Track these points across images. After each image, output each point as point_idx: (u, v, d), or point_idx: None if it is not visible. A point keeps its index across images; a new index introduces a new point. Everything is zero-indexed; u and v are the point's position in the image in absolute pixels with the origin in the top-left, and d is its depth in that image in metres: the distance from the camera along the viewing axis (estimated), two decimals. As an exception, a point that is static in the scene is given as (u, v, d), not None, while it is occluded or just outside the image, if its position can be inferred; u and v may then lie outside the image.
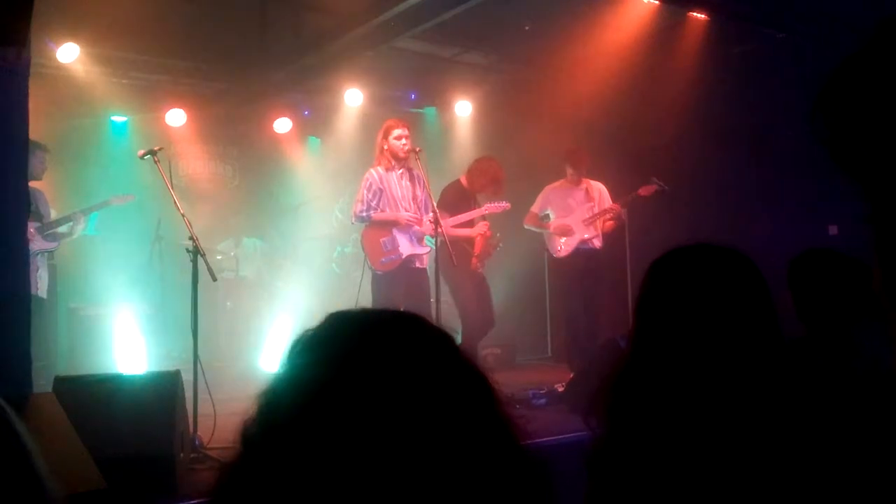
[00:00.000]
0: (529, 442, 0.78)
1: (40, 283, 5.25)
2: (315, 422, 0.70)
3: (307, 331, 0.80)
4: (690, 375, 1.26)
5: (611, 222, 6.07)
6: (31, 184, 5.37)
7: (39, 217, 5.35)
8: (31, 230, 5.25)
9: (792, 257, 2.11)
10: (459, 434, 0.71)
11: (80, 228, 5.54)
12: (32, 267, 5.02)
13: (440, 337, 0.79)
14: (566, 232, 6.02)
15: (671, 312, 1.32)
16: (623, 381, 1.33)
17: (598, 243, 6.05)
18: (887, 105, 0.66)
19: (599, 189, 6.14)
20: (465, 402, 0.74)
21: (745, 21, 6.09)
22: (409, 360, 0.74)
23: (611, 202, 6.08)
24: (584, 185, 6.11)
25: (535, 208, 6.23)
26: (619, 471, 1.26)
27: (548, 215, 6.20)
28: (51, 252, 5.51)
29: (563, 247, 6.05)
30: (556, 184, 6.21)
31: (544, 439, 3.61)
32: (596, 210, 6.04)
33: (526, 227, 6.28)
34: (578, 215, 6.06)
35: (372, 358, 0.74)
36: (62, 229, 5.49)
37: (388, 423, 0.69)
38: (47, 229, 5.38)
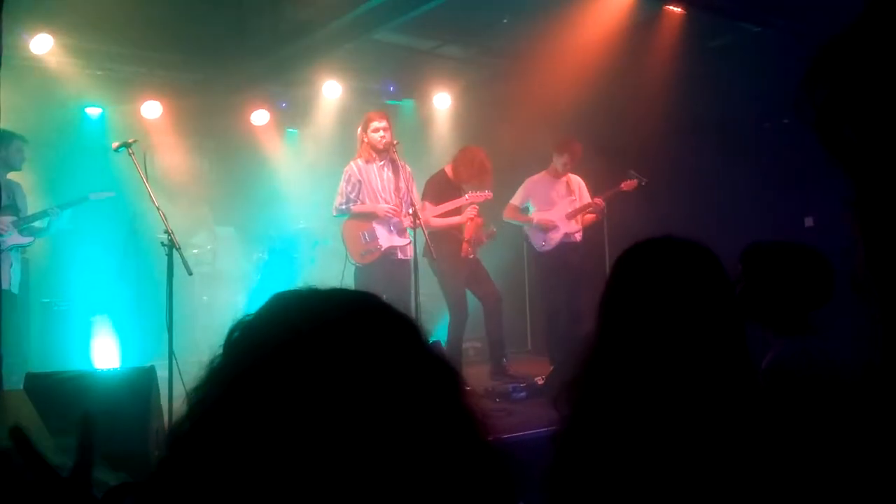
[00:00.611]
0: (505, 435, 0.71)
1: (12, 278, 5.16)
2: (247, 413, 0.62)
3: (247, 315, 0.73)
4: (651, 365, 1.28)
5: (591, 216, 6.06)
6: (9, 176, 5.28)
7: (16, 210, 5.25)
8: (8, 224, 5.13)
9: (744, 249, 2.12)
10: (413, 427, 0.64)
11: (56, 224, 5.45)
12: (6, 262, 4.93)
13: (398, 320, 0.71)
14: (550, 226, 5.99)
15: (633, 303, 1.34)
16: (588, 371, 1.35)
17: (579, 237, 6.06)
18: (874, 85, 0.66)
19: (579, 183, 6.15)
20: (421, 392, 0.66)
21: (721, 15, 6.13)
22: (358, 344, 0.66)
23: (588, 196, 6.09)
24: (564, 179, 6.09)
25: (515, 200, 6.17)
26: (579, 453, 1.28)
27: (527, 208, 6.19)
28: (24, 247, 5.41)
29: (547, 241, 6.02)
30: (537, 176, 6.17)
31: (524, 432, 3.62)
32: (578, 204, 6.04)
33: (505, 219, 6.23)
34: (561, 209, 6.03)
35: (314, 342, 0.65)
36: (38, 224, 5.39)
37: (331, 414, 0.61)
38: (23, 223, 5.28)
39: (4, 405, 2.59)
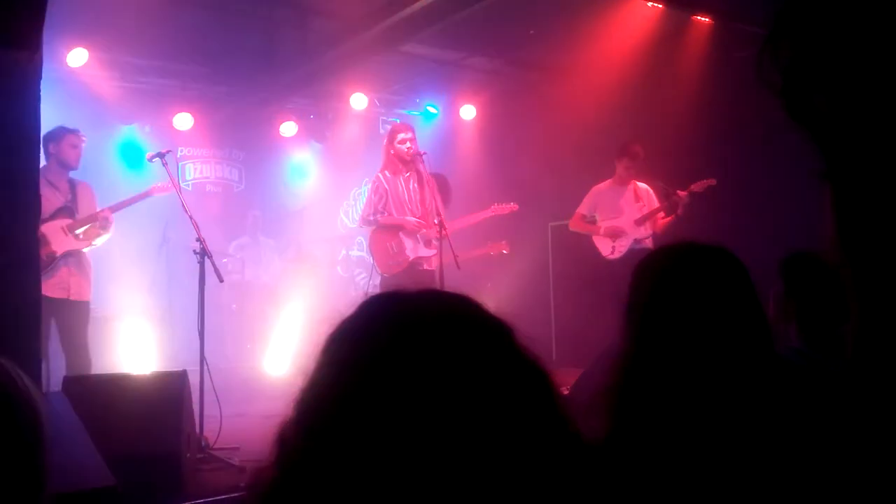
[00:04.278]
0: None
1: (72, 284, 4.72)
2: (359, 424, 0.64)
3: (343, 321, 0.72)
4: (679, 376, 1.27)
5: (666, 219, 5.82)
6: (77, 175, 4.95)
7: (73, 213, 4.85)
8: (60, 228, 4.75)
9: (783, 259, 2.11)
10: (517, 430, 0.66)
11: (111, 226, 4.97)
12: (61, 270, 4.65)
13: (494, 324, 0.72)
14: (617, 233, 5.84)
15: (656, 312, 1.33)
16: (618, 385, 1.34)
17: (650, 243, 5.81)
18: (845, 44, 0.58)
19: (647, 190, 5.97)
20: (522, 397, 0.68)
21: (749, 24, 6.11)
22: (462, 349, 0.67)
23: (657, 202, 5.87)
24: (631, 186, 5.93)
25: (582, 209, 6.01)
26: (630, 462, 1.27)
27: (594, 217, 6.02)
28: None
29: (615, 248, 5.86)
30: (604, 184, 6.01)
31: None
32: (646, 210, 5.85)
33: (572, 230, 6.09)
34: (629, 216, 5.85)
35: (421, 347, 0.66)
36: (96, 228, 4.92)
37: (442, 421, 0.63)
38: (77, 227, 4.86)
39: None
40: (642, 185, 5.97)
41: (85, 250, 4.93)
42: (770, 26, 0.62)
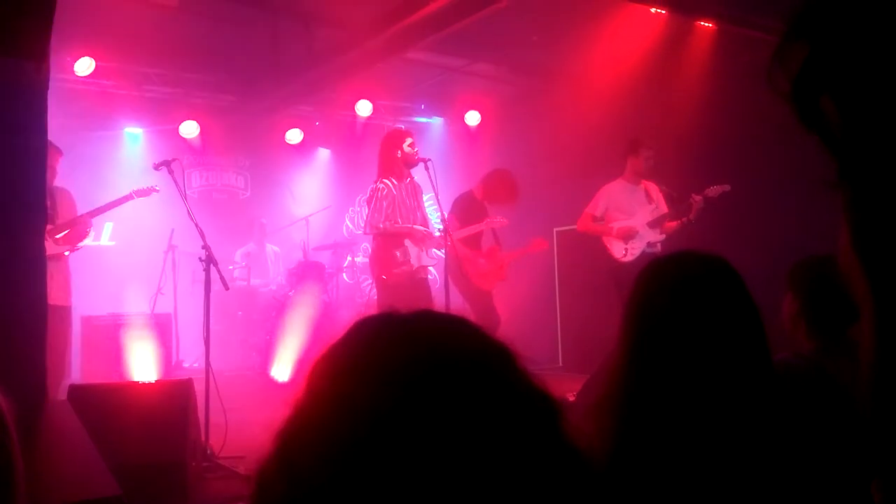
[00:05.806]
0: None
1: (52, 287, 4.83)
2: (351, 477, 0.58)
3: (332, 349, 0.66)
4: (674, 386, 1.27)
5: (673, 223, 5.65)
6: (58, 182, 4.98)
7: (52, 219, 4.82)
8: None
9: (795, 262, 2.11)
10: (520, 468, 0.61)
11: (90, 230, 5.07)
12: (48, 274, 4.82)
13: (495, 352, 0.68)
14: (630, 235, 5.64)
15: (650, 323, 1.33)
16: (613, 394, 1.34)
17: (660, 248, 5.65)
18: (862, 48, 0.56)
19: (657, 191, 5.80)
20: (526, 430, 0.63)
21: (753, 29, 6.10)
22: (462, 385, 0.62)
23: (666, 206, 5.69)
24: (643, 186, 5.75)
25: (593, 210, 5.76)
26: (630, 473, 1.27)
27: (601, 217, 5.83)
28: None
29: (628, 250, 5.66)
30: (615, 183, 5.78)
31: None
32: (659, 212, 5.66)
33: (581, 231, 5.89)
34: (642, 216, 5.66)
35: (419, 385, 0.61)
36: (69, 232, 4.94)
37: (444, 465, 0.58)
38: (57, 232, 4.90)
39: (50, 415, 2.68)
40: (654, 186, 5.80)
41: (66, 254, 4.97)
42: (782, 30, 0.60)
